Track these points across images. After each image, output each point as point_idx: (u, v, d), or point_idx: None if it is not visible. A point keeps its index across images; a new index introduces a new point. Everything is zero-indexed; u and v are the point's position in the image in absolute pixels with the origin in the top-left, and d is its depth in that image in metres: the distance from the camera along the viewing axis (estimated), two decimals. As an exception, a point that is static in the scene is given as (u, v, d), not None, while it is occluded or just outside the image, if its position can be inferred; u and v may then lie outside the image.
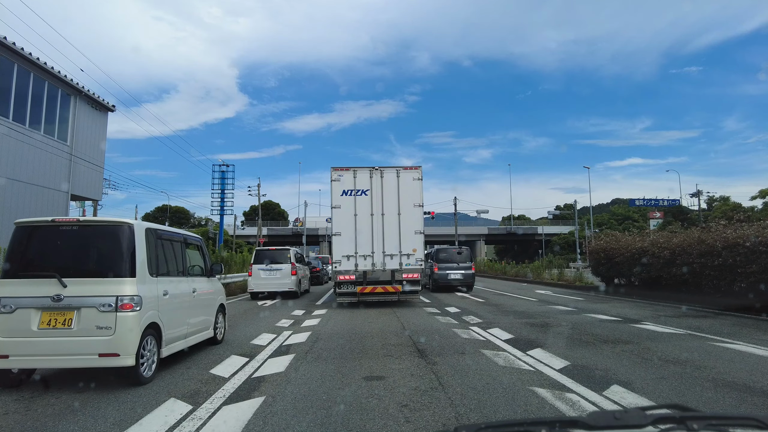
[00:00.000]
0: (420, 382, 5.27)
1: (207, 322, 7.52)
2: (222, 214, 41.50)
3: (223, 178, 40.81)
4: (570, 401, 4.54)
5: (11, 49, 14.83)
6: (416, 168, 13.93)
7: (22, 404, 4.75)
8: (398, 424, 4.00)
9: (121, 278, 5.34)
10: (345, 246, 13.48)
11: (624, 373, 5.61)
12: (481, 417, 4.17)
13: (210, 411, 4.42)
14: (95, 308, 5.12)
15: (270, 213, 73.93)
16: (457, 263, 20.10)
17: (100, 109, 19.90)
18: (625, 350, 6.97)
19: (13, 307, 5.11)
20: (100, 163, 20.15)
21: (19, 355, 5.08)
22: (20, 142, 15.37)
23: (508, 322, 10.10)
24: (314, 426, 4.00)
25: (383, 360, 6.53)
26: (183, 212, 74.85)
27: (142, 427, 4.07)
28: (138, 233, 5.66)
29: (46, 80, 16.77)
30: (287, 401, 4.68)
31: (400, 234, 13.51)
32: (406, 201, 13.65)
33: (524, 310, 12.62)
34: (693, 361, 6.15)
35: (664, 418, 1.22)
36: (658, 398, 4.66)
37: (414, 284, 13.63)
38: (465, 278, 19.74)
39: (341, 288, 13.68)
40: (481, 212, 57.78)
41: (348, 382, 5.36)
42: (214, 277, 8.20)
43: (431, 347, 7.42)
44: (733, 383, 5.12)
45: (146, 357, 5.45)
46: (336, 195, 13.67)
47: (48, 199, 16.94)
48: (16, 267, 5.40)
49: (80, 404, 4.68)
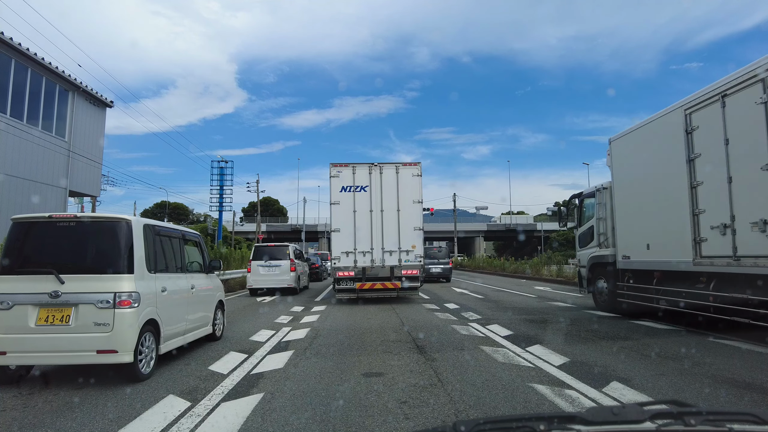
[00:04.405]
0: (419, 379, 5.27)
1: (206, 318, 7.51)
2: (221, 210, 41.48)
3: (222, 174, 40.79)
4: (569, 398, 4.55)
5: (9, 45, 14.77)
6: (415, 164, 13.90)
7: (20, 400, 4.75)
8: (397, 420, 4.00)
9: (119, 275, 5.33)
10: (344, 242, 13.48)
11: (623, 369, 5.62)
12: (481, 413, 4.17)
13: (209, 407, 4.42)
14: (93, 305, 5.11)
15: (269, 209, 73.97)
16: (438, 259, 24.34)
17: (98, 104, 19.85)
18: (624, 346, 6.97)
19: (10, 304, 5.10)
20: (98, 159, 20.12)
21: (17, 352, 5.07)
22: (18, 138, 15.33)
23: (507, 319, 10.11)
24: (313, 422, 4.00)
25: (382, 356, 6.53)
26: (182, 208, 74.86)
27: (140, 423, 4.07)
28: (136, 229, 5.65)
29: (44, 76, 16.71)
30: (286, 397, 4.68)
31: (399, 230, 13.50)
32: (406, 197, 13.63)
33: (523, 306, 12.63)
34: (692, 357, 6.16)
35: (662, 414, 1.22)
36: (657, 394, 4.66)
37: (413, 280, 13.62)
38: (444, 272, 24.31)
39: (340, 284, 13.68)
40: (480, 209, 57.88)
41: (347, 378, 5.36)
42: (213, 273, 8.19)
43: (430, 343, 7.42)
44: (732, 379, 5.13)
45: (144, 353, 5.44)
46: (335, 191, 13.65)
47: (46, 195, 16.91)
48: (13, 263, 5.38)
49: (79, 400, 4.68)
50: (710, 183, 7.52)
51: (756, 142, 6.52)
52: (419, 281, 13.97)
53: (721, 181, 7.19)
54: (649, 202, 9.25)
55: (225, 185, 40.86)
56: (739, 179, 6.94)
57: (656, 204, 8.99)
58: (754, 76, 6.59)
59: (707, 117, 7.56)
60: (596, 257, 11.26)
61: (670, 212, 8.42)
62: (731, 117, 7.08)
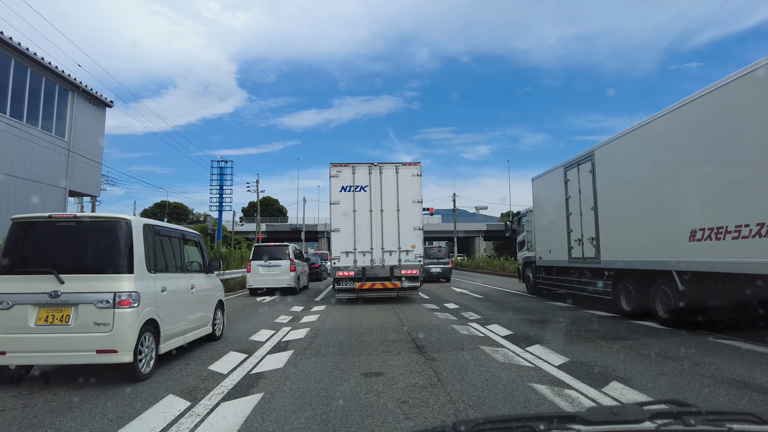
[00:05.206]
0: (419, 379, 5.27)
1: (205, 318, 7.51)
2: (220, 210, 41.50)
3: (222, 174, 40.82)
4: (569, 397, 4.55)
5: (9, 45, 14.76)
6: (415, 164, 13.90)
7: (20, 400, 4.75)
8: (397, 420, 4.00)
9: (119, 274, 5.33)
10: (344, 242, 13.47)
11: (623, 369, 5.62)
12: (480, 413, 4.17)
13: (208, 407, 4.42)
14: (93, 304, 5.11)
15: (269, 209, 73.95)
16: (438, 259, 23.95)
17: (98, 104, 19.84)
18: (624, 346, 6.98)
19: (9, 304, 5.10)
20: (98, 159, 20.11)
21: (17, 352, 5.07)
22: (18, 138, 15.32)
23: (507, 318, 10.11)
24: (313, 422, 4.00)
25: (382, 356, 6.53)
26: (181, 208, 74.83)
27: (140, 423, 4.07)
28: (136, 229, 5.65)
29: (44, 76, 16.71)
30: (286, 397, 4.68)
31: (399, 230, 13.50)
32: (405, 197, 13.63)
33: (523, 306, 12.64)
34: (691, 357, 6.16)
35: (662, 414, 1.22)
36: (657, 394, 4.67)
37: (413, 280, 13.61)
38: (444, 272, 23.94)
39: (340, 284, 13.67)
40: (480, 209, 57.77)
41: (347, 378, 5.36)
42: (213, 273, 8.19)
43: (430, 343, 7.42)
44: (731, 379, 5.13)
45: (144, 353, 5.44)
46: (335, 191, 13.65)
47: (46, 195, 16.91)
48: (13, 263, 5.38)
49: (78, 400, 4.68)
50: (574, 214, 12.10)
51: (590, 193, 11.18)
52: (419, 281, 13.97)
53: (578, 214, 11.87)
54: (549, 222, 13.93)
55: (225, 185, 40.89)
56: (584, 213, 11.54)
57: (552, 224, 13.60)
58: (590, 154, 11.25)
59: (572, 174, 12.23)
60: (526, 258, 16.40)
61: (559, 230, 12.93)
62: (581, 177, 11.68)
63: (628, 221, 9.77)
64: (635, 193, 9.54)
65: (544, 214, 14.41)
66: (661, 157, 8.73)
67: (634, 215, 9.51)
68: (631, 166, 9.79)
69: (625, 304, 10.03)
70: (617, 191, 10.25)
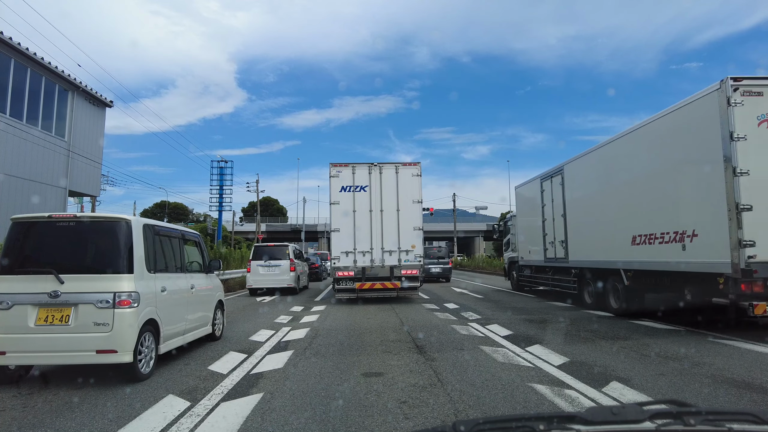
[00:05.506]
0: (419, 379, 5.27)
1: (205, 318, 7.51)
2: (220, 210, 41.45)
3: (222, 174, 40.75)
4: (569, 398, 4.55)
5: (8, 45, 14.76)
6: (415, 164, 13.90)
7: (19, 400, 4.75)
8: (397, 420, 4.00)
9: (119, 274, 5.33)
10: (344, 242, 13.47)
11: (623, 369, 5.62)
12: (480, 413, 4.17)
13: (208, 407, 4.42)
14: (93, 304, 5.10)
15: (269, 209, 73.93)
16: (438, 259, 24.13)
17: (98, 104, 19.83)
18: (624, 346, 6.98)
19: (9, 304, 5.10)
20: (98, 159, 20.11)
21: (16, 352, 5.07)
22: (18, 138, 15.32)
23: (507, 319, 10.11)
24: (313, 422, 4.00)
25: (382, 356, 6.53)
26: (181, 208, 74.80)
27: (140, 423, 4.07)
28: (136, 229, 5.65)
29: (44, 76, 16.70)
30: (286, 397, 4.68)
31: (398, 230, 13.50)
32: (405, 197, 13.64)
33: (522, 306, 12.64)
34: (691, 357, 6.16)
35: (661, 414, 1.22)
36: (657, 394, 4.67)
37: (413, 280, 13.62)
38: (444, 272, 24.16)
39: (340, 284, 13.67)
40: (480, 209, 57.75)
41: (346, 378, 5.36)
42: (213, 273, 8.19)
43: (430, 343, 7.42)
44: (731, 379, 5.13)
45: (144, 353, 5.44)
46: (335, 191, 13.65)
47: (46, 195, 16.90)
48: (13, 263, 5.38)
49: (78, 400, 4.68)
50: (549, 220, 13.62)
51: (560, 202, 12.77)
52: (419, 281, 13.97)
53: (551, 220, 13.38)
54: (529, 226, 15.64)
55: (225, 185, 40.82)
56: (556, 219, 13.01)
57: (531, 228, 15.30)
58: (560, 169, 12.75)
59: (547, 185, 13.81)
60: (511, 257, 18.28)
61: (537, 234, 14.49)
62: (554, 188, 13.24)
63: (589, 227, 11.48)
64: (593, 203, 11.36)
65: (525, 219, 16.33)
66: (610, 175, 10.63)
67: (593, 222, 11.22)
68: (588, 180, 11.78)
69: (587, 298, 11.67)
70: (580, 201, 12.01)
